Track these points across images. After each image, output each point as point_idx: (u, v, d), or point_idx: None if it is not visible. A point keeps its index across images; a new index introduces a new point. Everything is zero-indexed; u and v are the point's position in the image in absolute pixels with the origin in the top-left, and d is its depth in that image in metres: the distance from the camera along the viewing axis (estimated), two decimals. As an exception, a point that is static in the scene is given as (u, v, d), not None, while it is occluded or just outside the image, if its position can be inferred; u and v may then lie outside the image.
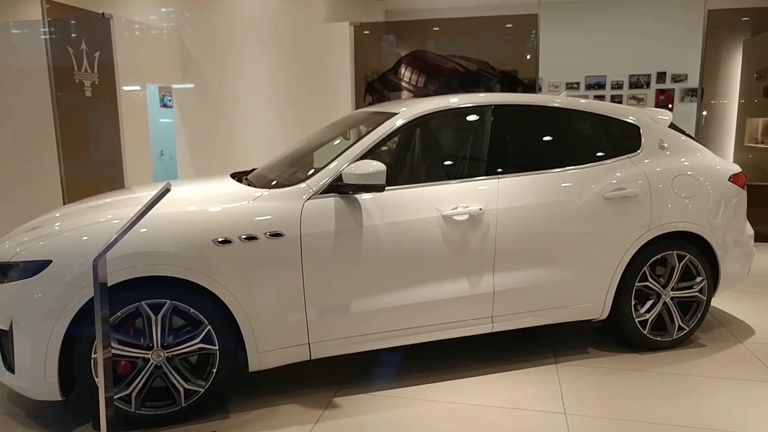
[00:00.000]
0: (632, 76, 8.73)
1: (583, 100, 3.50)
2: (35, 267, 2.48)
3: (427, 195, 2.95)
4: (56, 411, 2.76)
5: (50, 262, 2.47)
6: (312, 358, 2.82)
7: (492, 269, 3.01)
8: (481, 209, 2.96)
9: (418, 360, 3.31)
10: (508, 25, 6.50)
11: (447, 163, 3.42)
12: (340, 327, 2.82)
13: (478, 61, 6.53)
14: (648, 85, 8.71)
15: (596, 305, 3.26)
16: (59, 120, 5.93)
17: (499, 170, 3.12)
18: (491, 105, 3.24)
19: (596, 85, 8.87)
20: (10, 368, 2.54)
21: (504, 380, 3.06)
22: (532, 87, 6.53)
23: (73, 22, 6.12)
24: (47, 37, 5.78)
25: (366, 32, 6.76)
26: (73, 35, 6.05)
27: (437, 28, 6.74)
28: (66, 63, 5.97)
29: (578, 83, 8.94)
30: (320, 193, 2.79)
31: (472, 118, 3.31)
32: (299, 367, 3.02)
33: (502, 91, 6.55)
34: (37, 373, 2.46)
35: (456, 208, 2.94)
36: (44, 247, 2.53)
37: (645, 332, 3.34)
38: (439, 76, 6.62)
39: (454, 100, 3.25)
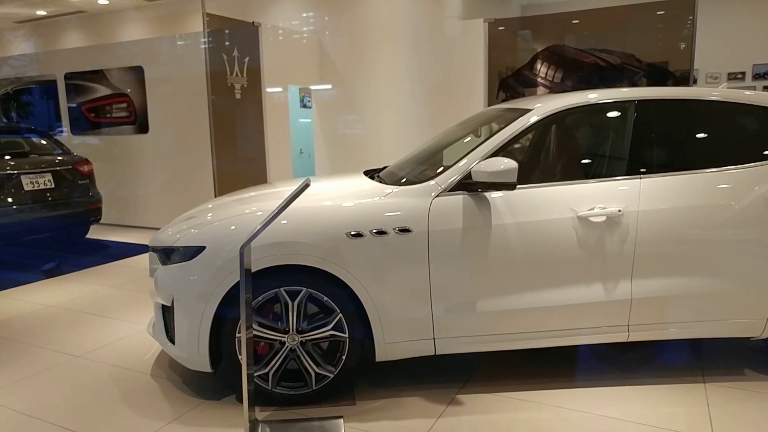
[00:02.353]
0: (811, 63, 7.58)
1: (747, 92, 3.13)
2: (192, 252, 2.78)
3: (561, 194, 2.83)
4: (207, 380, 3.07)
5: (204, 248, 2.76)
6: (437, 353, 2.84)
7: (630, 275, 2.81)
8: (620, 210, 2.78)
9: (547, 365, 3.19)
10: (659, 13, 5.98)
11: (584, 161, 3.25)
12: (466, 325, 2.81)
13: (621, 53, 6.10)
14: (832, 72, 7.52)
15: (756, 322, 2.90)
16: (213, 121, 6.58)
17: (642, 170, 2.89)
18: (634, 100, 3.02)
19: (767, 75, 7.84)
20: (172, 339, 2.89)
21: (641, 394, 2.85)
22: (685, 79, 5.96)
23: (227, 31, 6.73)
24: (206, 46, 6.42)
25: (501, 28, 6.62)
26: (227, 43, 6.66)
27: (577, 21, 6.40)
28: (220, 69, 6.60)
29: (743, 73, 7.97)
30: (449, 191, 2.79)
31: (612, 114, 3.11)
32: (425, 362, 3.05)
33: (649, 85, 6.06)
34: (191, 346, 2.76)
35: (593, 208, 2.78)
36: (199, 234, 2.83)
37: (818, 357, 2.91)
38: (578, 71, 6.29)
39: (592, 96, 3.07)
